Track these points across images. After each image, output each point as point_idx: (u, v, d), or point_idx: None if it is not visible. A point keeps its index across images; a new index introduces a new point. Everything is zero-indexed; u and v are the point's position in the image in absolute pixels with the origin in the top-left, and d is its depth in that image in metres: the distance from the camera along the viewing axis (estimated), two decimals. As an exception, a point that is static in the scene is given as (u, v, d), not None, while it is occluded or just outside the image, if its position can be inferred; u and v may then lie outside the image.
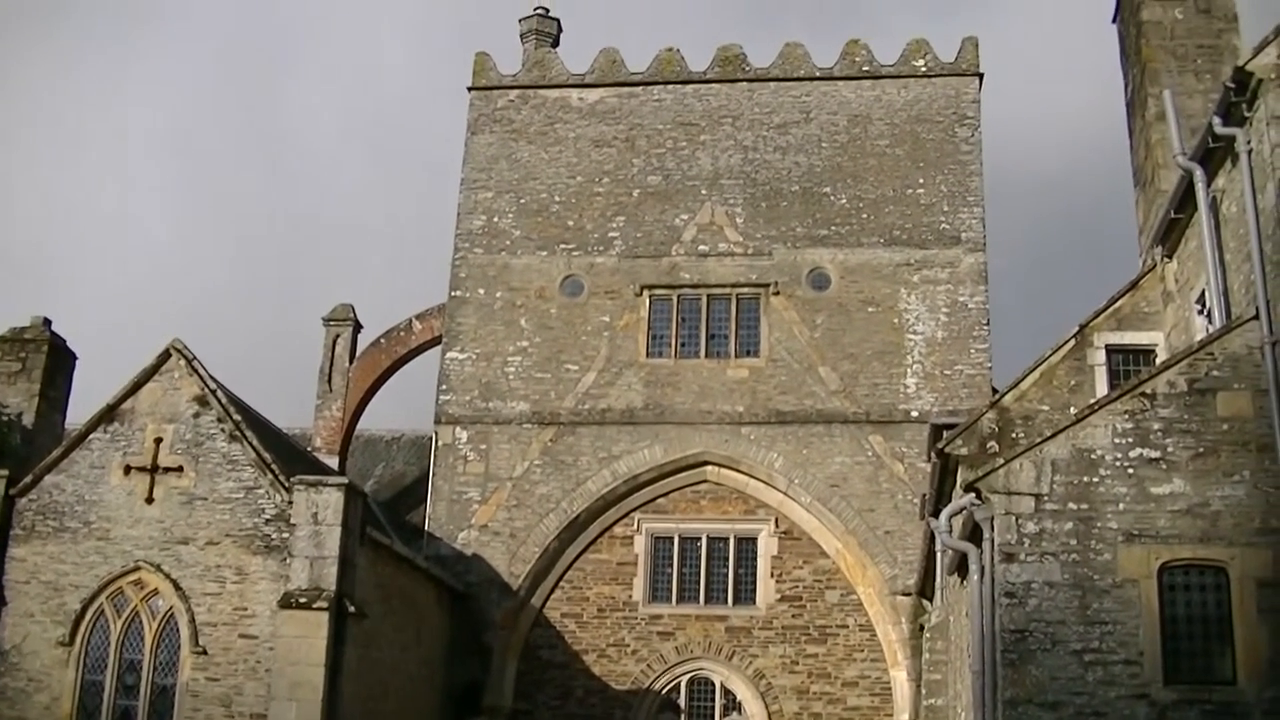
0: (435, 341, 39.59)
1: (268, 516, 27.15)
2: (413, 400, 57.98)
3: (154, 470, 27.72)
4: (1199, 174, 20.92)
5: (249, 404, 30.81)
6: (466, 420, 37.13)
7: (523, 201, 39.07)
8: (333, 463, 38.44)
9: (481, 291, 38.28)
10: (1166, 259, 24.06)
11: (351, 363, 40.80)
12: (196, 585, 26.85)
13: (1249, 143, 19.16)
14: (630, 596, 36.07)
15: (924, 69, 39.01)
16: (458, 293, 38.47)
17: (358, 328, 41.31)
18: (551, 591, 36.30)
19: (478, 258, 38.63)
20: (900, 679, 34.19)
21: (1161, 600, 17.84)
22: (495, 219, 38.98)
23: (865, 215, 37.63)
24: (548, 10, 43.52)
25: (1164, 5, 26.42)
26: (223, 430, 27.93)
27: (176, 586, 26.83)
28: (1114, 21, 28.89)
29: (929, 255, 36.99)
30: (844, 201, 37.86)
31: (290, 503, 26.99)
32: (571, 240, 38.49)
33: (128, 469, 27.81)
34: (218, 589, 26.82)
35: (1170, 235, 23.49)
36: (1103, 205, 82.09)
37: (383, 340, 41.21)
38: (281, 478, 27.33)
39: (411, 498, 40.63)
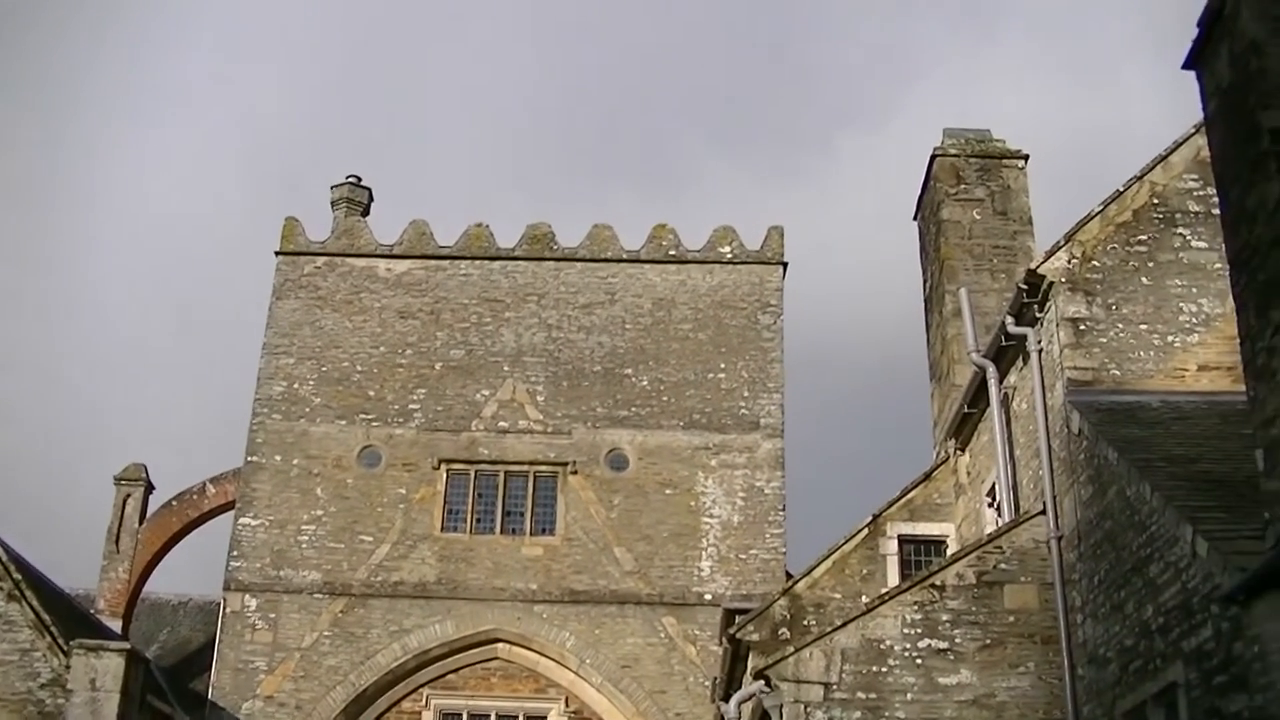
0: (229, 506, 40.60)
1: (43, 681, 27.73)
2: (204, 565, 59.23)
3: (-75, 628, 27.64)
4: (991, 371, 22.68)
5: (31, 563, 31.94)
6: (256, 588, 38.37)
7: (324, 369, 40.88)
8: (116, 626, 39.17)
9: (278, 458, 39.85)
10: (959, 452, 25.95)
11: (141, 524, 41.51)
12: (-36, 752, 26.85)
13: (1039, 342, 20.85)
14: None
15: (730, 256, 42.07)
16: (254, 458, 39.92)
17: (149, 488, 42.11)
18: None
19: (276, 424, 40.26)
20: None
21: None
22: (296, 385, 40.70)
23: (666, 398, 40.38)
24: (360, 179, 45.66)
25: (963, 205, 28.66)
26: (1, 589, 28.45)
27: (-57, 755, 26.78)
28: (915, 218, 31.02)
29: (727, 440, 39.82)
30: (645, 383, 40.59)
31: (68, 667, 27.54)
32: (371, 410, 40.39)
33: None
34: (-14, 758, 26.82)
35: (963, 429, 25.37)
36: (900, 395, 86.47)
37: (175, 502, 42.02)
38: (60, 640, 27.88)
39: (196, 665, 40.99)
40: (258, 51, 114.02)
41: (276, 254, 42.79)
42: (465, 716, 38.25)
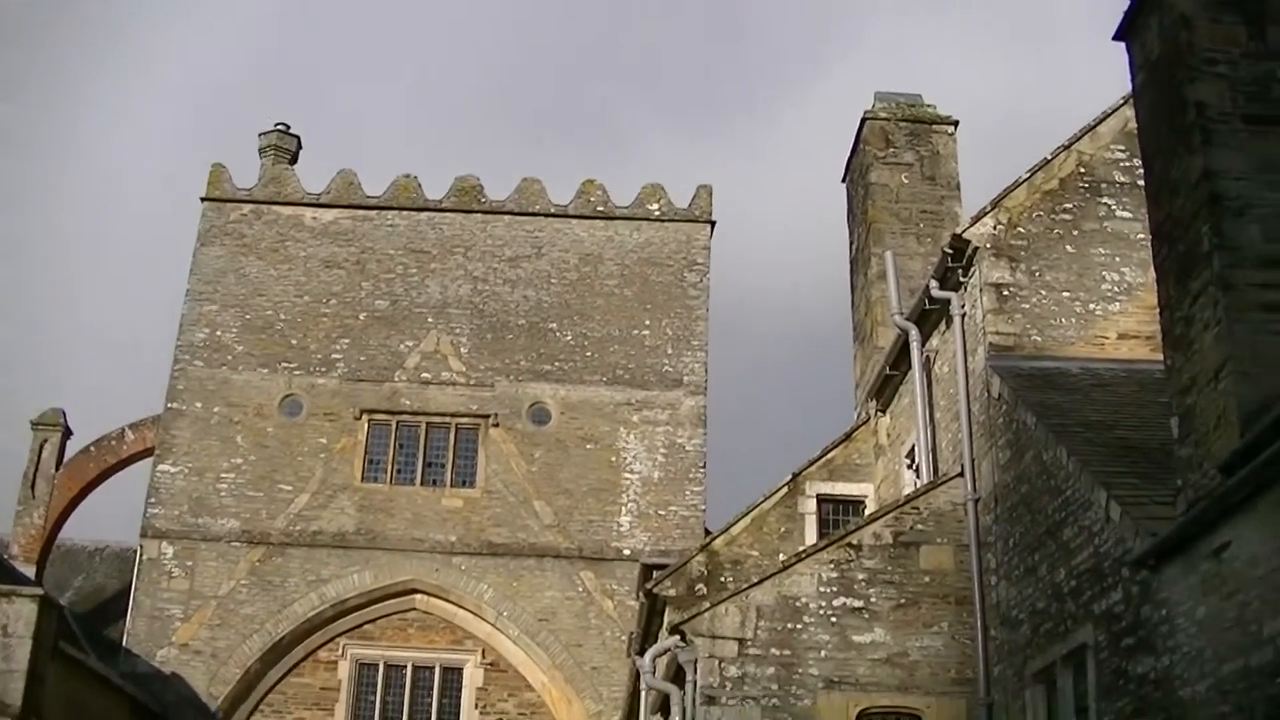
0: (148, 453, 40.40)
1: (-47, 626, 27.12)
2: (121, 512, 58.88)
3: None
4: (914, 333, 22.72)
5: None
6: (174, 535, 38.26)
7: (248, 317, 40.75)
8: (30, 572, 38.83)
9: (199, 405, 39.69)
10: (880, 413, 26.05)
11: (58, 469, 41.22)
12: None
13: (962, 307, 20.94)
14: None
15: (658, 213, 42.27)
16: (174, 405, 39.75)
17: (67, 433, 41.84)
18: (251, 715, 37.55)
19: (197, 370, 40.07)
20: None
21: None
22: (219, 333, 40.53)
23: (590, 353, 40.57)
24: (288, 127, 45.32)
25: (892, 170, 28.66)
26: (-91, 532, 28.01)
27: None
28: (844, 181, 31.03)
29: (650, 396, 40.11)
30: (569, 338, 40.76)
31: (-21, 613, 27.07)
32: (294, 359, 40.31)
33: None
34: (-105, 702, 26.56)
35: (885, 391, 25.48)
36: (824, 357, 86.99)
37: (93, 448, 41.80)
38: (-30, 586, 27.17)
39: (112, 612, 40.79)
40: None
41: (202, 200, 42.56)
42: (381, 667, 38.35)
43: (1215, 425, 12.62)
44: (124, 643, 37.55)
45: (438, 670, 38.44)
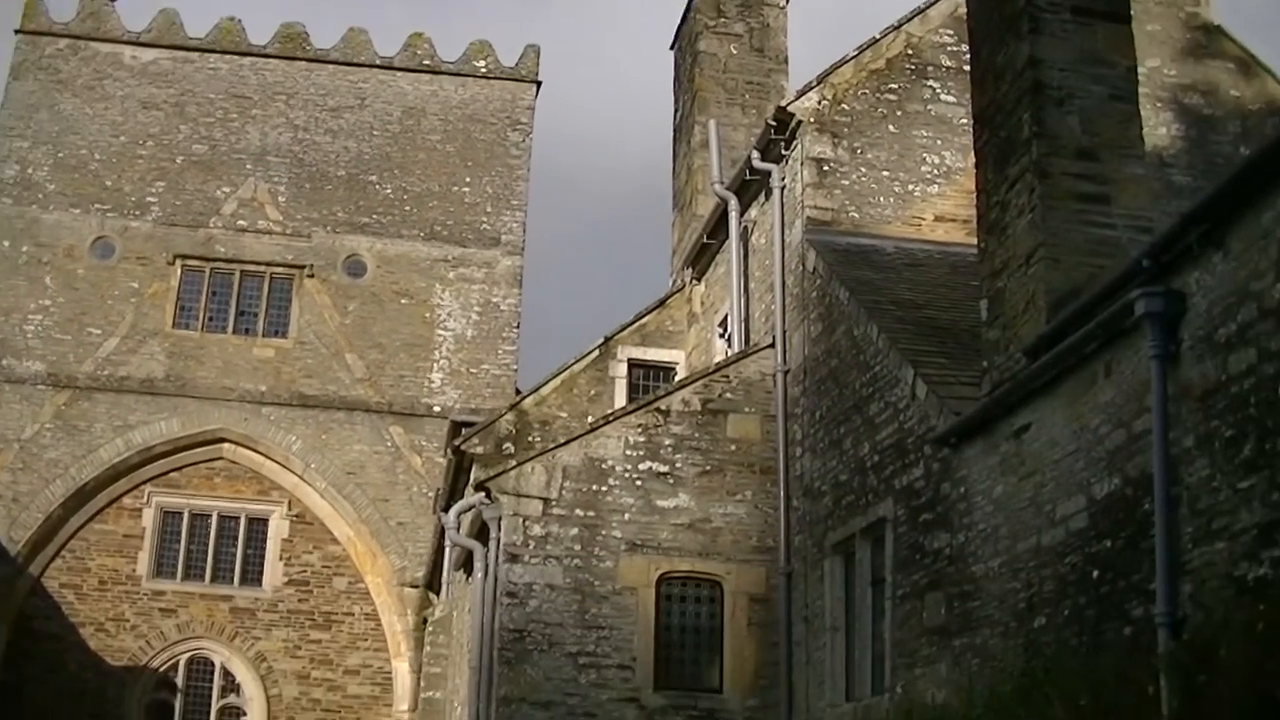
0: None
1: None
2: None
3: None
4: (733, 203, 22.52)
5: None
6: None
7: (60, 155, 39.62)
8: None
9: (6, 244, 38.70)
10: (695, 282, 26.01)
11: None
12: None
13: (783, 180, 20.82)
14: (134, 570, 37.26)
15: (484, 70, 41.87)
16: None
17: None
18: (52, 560, 37.02)
19: (6, 208, 39.00)
20: (402, 670, 36.76)
21: (658, 609, 19.13)
22: (29, 170, 39.43)
23: (408, 208, 40.24)
24: None
25: (720, 39, 28.51)
26: None
27: None
28: (672, 48, 30.81)
29: (467, 254, 39.96)
30: (389, 192, 40.37)
31: None
32: (107, 201, 39.35)
33: None
34: None
35: (701, 259, 25.36)
36: (643, 223, 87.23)
37: None
38: None
39: None
40: None
41: (16, 32, 41.24)
42: (187, 515, 38.11)
43: (1023, 310, 12.87)
44: (-80, 484, 36.65)
45: (243, 520, 38.29)
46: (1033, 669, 11.93)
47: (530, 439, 24.23)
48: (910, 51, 21.50)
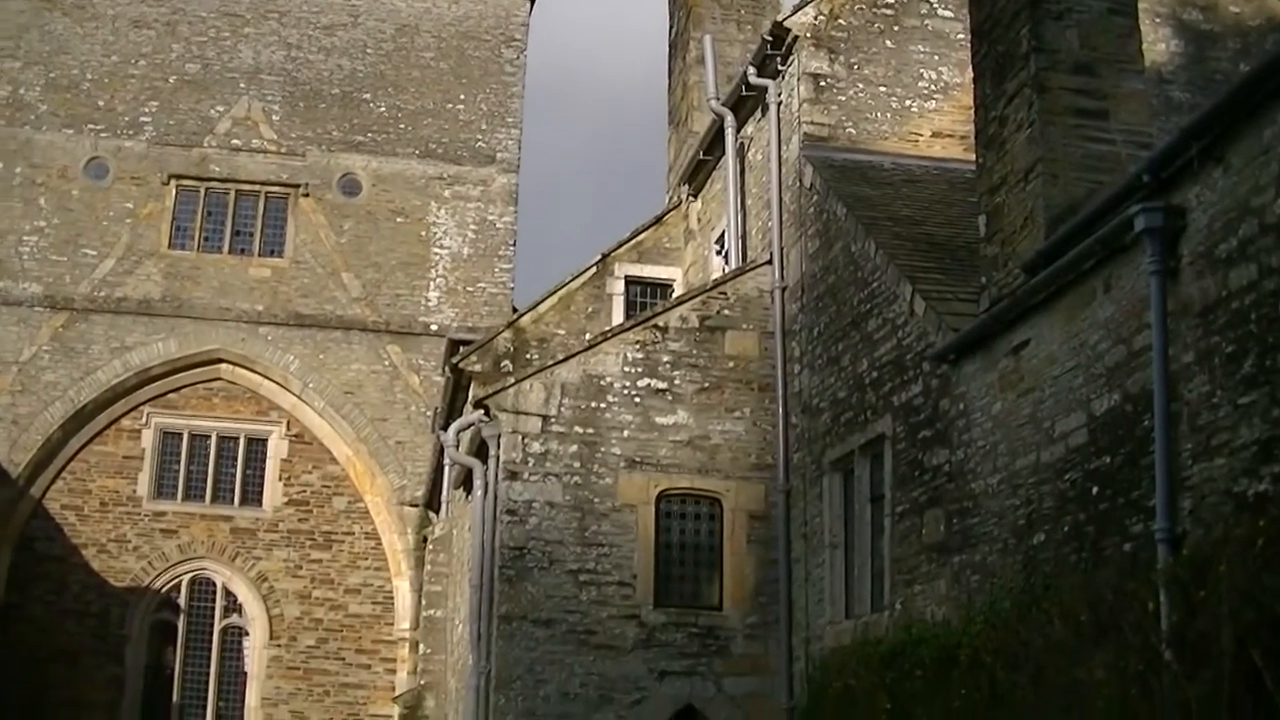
0: None
1: None
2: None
3: None
4: (730, 120, 22.55)
5: None
6: None
7: (52, 75, 39.13)
8: None
9: (0, 165, 38.41)
10: (692, 198, 25.96)
11: None
12: None
13: (779, 95, 20.84)
14: (135, 491, 37.14)
15: (477, -15, 41.21)
16: None
17: None
18: (53, 482, 36.89)
19: (-1, 130, 38.63)
20: (403, 589, 36.73)
21: (658, 526, 19.34)
22: (21, 91, 38.95)
23: (403, 126, 39.79)
24: None
25: None
26: None
27: None
28: None
29: (463, 172, 39.58)
30: (383, 110, 39.90)
31: None
32: (100, 121, 38.91)
33: None
34: None
35: (697, 176, 25.31)
36: (639, 140, 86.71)
37: None
38: None
39: None
40: None
41: (4, -49, 40.59)
42: (186, 436, 37.95)
43: (1021, 225, 12.82)
44: (-81, 407, 36.65)
45: (242, 441, 38.15)
46: (1032, 585, 11.99)
47: (528, 357, 24.25)
48: (908, -35, 21.34)
